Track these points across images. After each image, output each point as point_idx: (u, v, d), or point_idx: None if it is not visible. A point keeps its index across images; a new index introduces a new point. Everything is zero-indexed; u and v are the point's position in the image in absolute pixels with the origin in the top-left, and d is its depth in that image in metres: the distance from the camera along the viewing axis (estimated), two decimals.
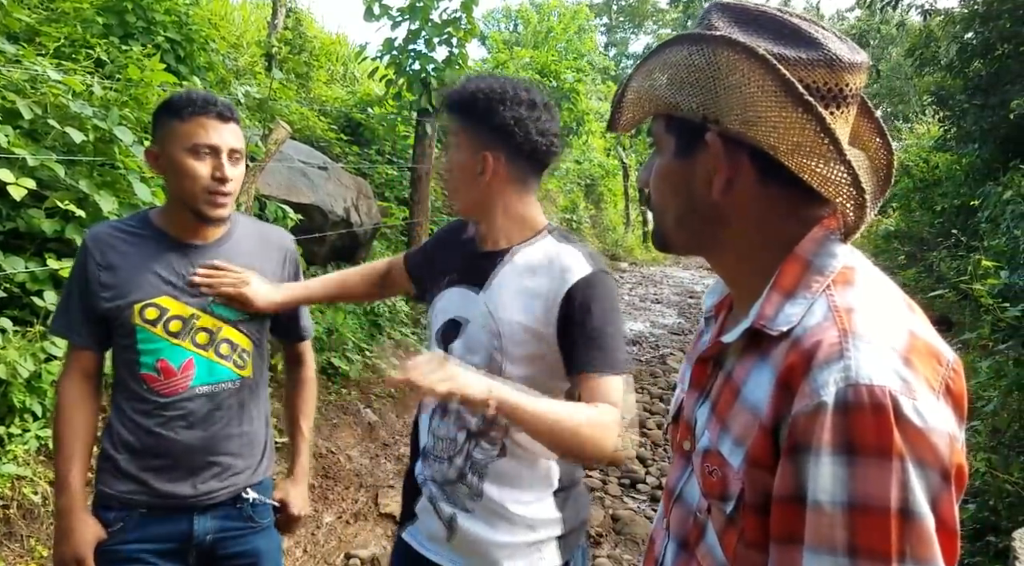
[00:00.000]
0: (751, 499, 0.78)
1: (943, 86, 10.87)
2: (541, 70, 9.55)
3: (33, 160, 3.09)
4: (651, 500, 4.32)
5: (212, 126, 1.65)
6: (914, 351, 0.73)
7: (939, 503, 0.69)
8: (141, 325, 1.68)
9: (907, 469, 0.67)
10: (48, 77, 3.34)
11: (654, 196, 0.94)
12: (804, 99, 0.77)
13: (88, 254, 1.69)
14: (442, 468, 1.53)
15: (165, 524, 1.73)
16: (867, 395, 0.69)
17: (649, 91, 0.89)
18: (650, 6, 37.16)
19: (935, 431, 0.69)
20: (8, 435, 2.88)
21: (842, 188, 0.80)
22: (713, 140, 0.83)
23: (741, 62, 0.79)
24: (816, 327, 0.77)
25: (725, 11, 0.87)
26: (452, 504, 1.51)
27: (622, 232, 16.49)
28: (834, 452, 0.69)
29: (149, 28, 5.03)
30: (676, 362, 7.39)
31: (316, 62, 8.58)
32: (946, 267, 8.37)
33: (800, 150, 0.78)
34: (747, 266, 0.89)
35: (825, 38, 0.82)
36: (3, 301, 3.06)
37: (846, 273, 0.82)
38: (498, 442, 1.49)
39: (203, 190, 1.66)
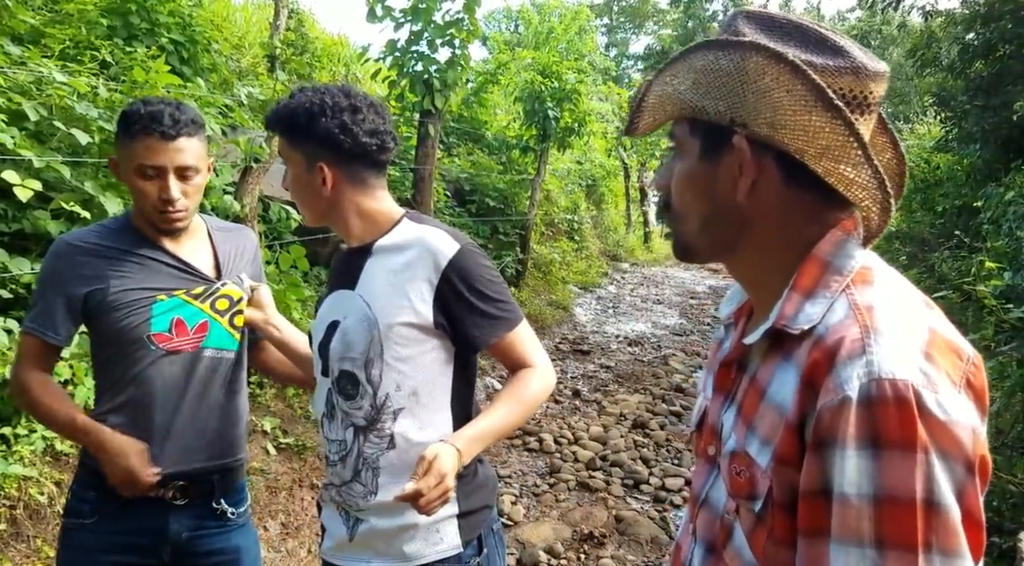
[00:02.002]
0: (779, 497, 0.80)
1: (944, 87, 10.87)
2: (543, 71, 9.53)
3: (39, 161, 3.10)
4: (654, 501, 4.33)
5: (156, 146, 1.63)
6: (934, 346, 0.75)
7: (964, 495, 0.70)
8: (161, 299, 1.70)
9: (931, 461, 0.69)
10: (53, 79, 3.35)
11: (675, 200, 0.94)
12: (834, 104, 0.78)
13: (67, 258, 1.69)
14: (338, 470, 1.55)
15: (140, 519, 1.72)
16: (890, 389, 0.70)
17: (673, 95, 0.90)
18: (651, 7, 37.15)
19: (958, 424, 0.70)
20: (15, 436, 2.89)
21: (869, 191, 0.82)
22: (740, 143, 0.85)
23: (770, 66, 0.81)
24: (838, 325, 0.78)
25: (751, 18, 0.89)
26: (350, 505, 1.55)
27: (623, 233, 16.48)
28: (859, 446, 0.70)
29: (153, 30, 5.04)
30: (678, 363, 7.40)
31: (318, 63, 8.59)
32: (947, 268, 8.36)
33: (828, 154, 0.80)
34: (768, 268, 0.90)
35: (849, 47, 0.83)
36: (9, 302, 3.07)
37: (864, 273, 0.84)
38: (385, 434, 1.51)
39: (152, 209, 1.68)
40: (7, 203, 3.17)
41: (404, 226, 1.59)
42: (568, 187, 12.99)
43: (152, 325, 1.69)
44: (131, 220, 1.78)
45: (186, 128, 1.66)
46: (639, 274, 13.95)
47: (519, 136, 10.04)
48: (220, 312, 1.77)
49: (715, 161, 0.88)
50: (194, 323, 1.74)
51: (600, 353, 7.65)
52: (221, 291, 1.77)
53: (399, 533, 1.51)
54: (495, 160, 10.30)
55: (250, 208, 4.10)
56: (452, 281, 1.50)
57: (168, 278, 1.73)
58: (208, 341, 1.76)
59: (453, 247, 1.52)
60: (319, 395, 1.61)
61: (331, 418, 1.57)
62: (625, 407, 5.90)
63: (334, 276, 1.68)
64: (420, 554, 1.52)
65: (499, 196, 9.53)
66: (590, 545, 3.78)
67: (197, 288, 1.75)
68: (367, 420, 1.52)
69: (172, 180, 1.65)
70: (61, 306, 1.69)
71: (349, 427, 1.54)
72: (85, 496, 1.73)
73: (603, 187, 15.76)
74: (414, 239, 1.55)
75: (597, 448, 5.02)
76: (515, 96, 10.04)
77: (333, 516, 1.60)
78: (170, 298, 1.71)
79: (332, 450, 1.57)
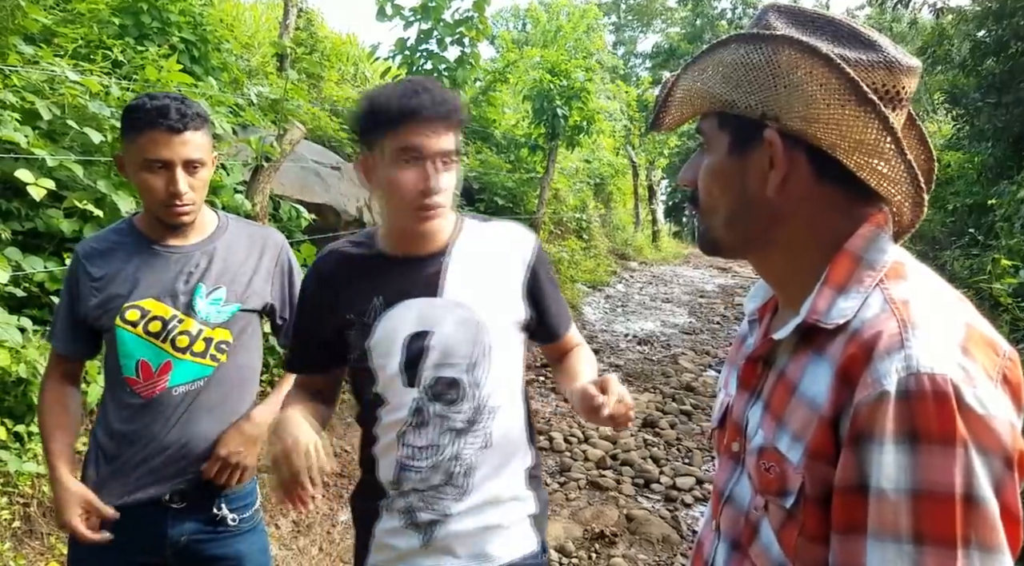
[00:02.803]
0: (812, 492, 0.79)
1: (956, 84, 10.81)
2: (551, 69, 9.52)
3: (52, 160, 3.12)
4: (665, 500, 4.32)
5: (162, 140, 1.62)
6: (972, 341, 0.74)
7: (1003, 489, 0.70)
8: (121, 326, 1.70)
9: (970, 455, 0.68)
10: (66, 78, 3.37)
11: (703, 196, 0.94)
12: (868, 98, 0.78)
13: (79, 265, 1.74)
14: (424, 475, 1.47)
15: (140, 520, 1.73)
16: (929, 383, 0.70)
17: (702, 90, 0.90)
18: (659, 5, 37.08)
19: (996, 418, 0.70)
20: (28, 434, 2.90)
21: (901, 186, 0.81)
22: (772, 136, 0.84)
23: (803, 60, 0.80)
24: (874, 319, 0.78)
25: (782, 13, 0.88)
26: (434, 510, 1.48)
27: (632, 231, 16.45)
28: (897, 440, 0.70)
29: (164, 29, 5.06)
30: (688, 362, 7.37)
31: (328, 62, 8.60)
32: (959, 266, 8.32)
33: (861, 148, 0.80)
34: (797, 264, 0.90)
35: (882, 42, 0.83)
36: (23, 300, 3.08)
37: (897, 268, 0.83)
38: (483, 434, 1.50)
39: (160, 203, 1.68)
40: (20, 202, 3.19)
41: (471, 225, 1.58)
42: (576, 185, 12.98)
43: (123, 369, 1.72)
44: (133, 222, 1.81)
45: (192, 121, 1.65)
46: (648, 273, 13.92)
47: (528, 134, 10.04)
48: (180, 349, 1.74)
49: (745, 156, 0.88)
50: (158, 364, 1.73)
51: (609, 352, 7.63)
52: (178, 329, 1.73)
53: (482, 534, 1.49)
54: (504, 159, 10.30)
55: (261, 207, 4.10)
56: (538, 273, 1.57)
57: (152, 280, 1.73)
58: (174, 380, 1.74)
59: (531, 238, 1.59)
60: (398, 408, 1.48)
61: (420, 426, 1.47)
62: (635, 406, 5.89)
63: (381, 286, 1.49)
64: (502, 555, 1.51)
65: (508, 195, 9.53)
66: (601, 544, 3.78)
67: (164, 307, 1.72)
68: (466, 422, 1.48)
69: (180, 173, 1.65)
70: (64, 317, 1.77)
71: (446, 432, 1.48)
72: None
73: (612, 185, 15.74)
74: (493, 236, 1.57)
75: (607, 447, 5.01)
76: (524, 94, 10.05)
77: (396, 529, 1.50)
78: (130, 331, 1.71)
79: (418, 457, 1.48)
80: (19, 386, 2.88)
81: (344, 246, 1.56)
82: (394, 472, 1.49)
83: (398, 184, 1.38)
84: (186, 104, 1.66)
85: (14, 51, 3.59)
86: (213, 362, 1.78)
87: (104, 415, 1.77)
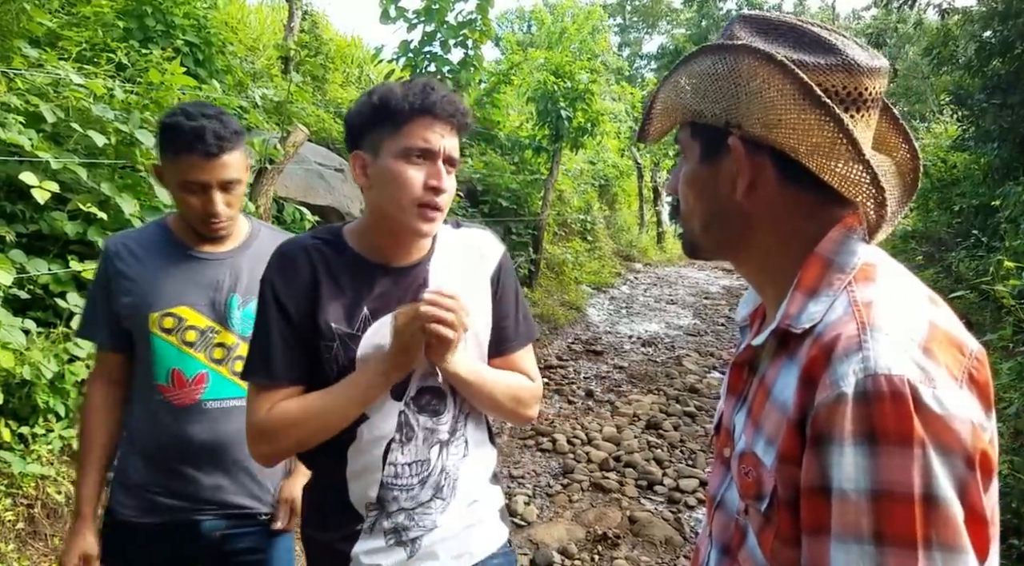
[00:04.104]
0: (784, 495, 0.80)
1: (961, 85, 10.77)
2: (555, 71, 9.52)
3: (56, 163, 3.13)
4: (668, 502, 4.31)
5: (200, 165, 1.64)
6: (934, 341, 0.74)
7: (966, 490, 0.70)
8: (157, 333, 1.71)
9: (929, 455, 0.68)
10: (70, 81, 3.38)
11: (682, 202, 0.97)
12: (822, 101, 0.79)
13: (108, 261, 1.74)
14: (413, 494, 1.42)
15: (174, 514, 1.75)
16: (886, 384, 0.70)
17: (676, 101, 0.93)
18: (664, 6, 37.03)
19: (956, 418, 0.70)
20: (32, 435, 2.91)
21: (862, 187, 0.81)
22: (735, 143, 0.86)
23: (761, 68, 0.83)
24: (836, 322, 0.79)
25: (747, 22, 0.91)
26: (422, 526, 1.43)
27: (636, 233, 16.45)
28: (856, 441, 0.70)
29: (168, 32, 5.08)
30: (692, 363, 7.37)
31: (332, 64, 8.63)
32: (965, 268, 8.29)
33: (819, 151, 0.81)
34: (772, 268, 0.92)
35: (844, 45, 0.84)
36: (27, 302, 3.10)
37: (867, 269, 0.83)
38: (462, 442, 1.49)
39: (196, 219, 1.72)
40: (25, 204, 3.20)
41: (445, 231, 1.53)
42: (581, 187, 12.97)
43: (155, 375, 1.72)
44: (168, 224, 1.81)
45: (229, 143, 1.66)
46: (652, 274, 13.91)
47: (532, 136, 10.04)
48: (217, 361, 1.75)
49: (715, 163, 0.90)
50: (192, 374, 1.73)
51: (613, 353, 7.63)
52: (215, 340, 1.74)
53: (464, 533, 1.49)
54: (508, 160, 10.30)
55: (264, 209, 4.12)
56: (500, 283, 1.53)
57: (186, 287, 1.73)
58: (209, 393, 1.74)
59: (499, 250, 1.56)
60: (384, 422, 1.40)
61: (406, 441, 1.41)
62: (639, 408, 5.88)
63: (377, 296, 1.41)
64: (482, 549, 1.52)
65: (512, 196, 9.53)
66: (604, 546, 3.77)
67: (199, 317, 1.73)
68: (449, 432, 1.47)
69: (216, 194, 1.68)
70: (103, 311, 1.75)
71: (434, 445, 1.44)
72: (114, 522, 1.78)
73: (616, 187, 15.74)
74: (467, 244, 1.53)
75: (610, 449, 5.01)
76: (528, 96, 10.04)
77: (380, 549, 1.42)
78: (165, 338, 1.71)
79: (405, 474, 1.41)
80: (23, 388, 2.89)
81: (312, 241, 1.43)
82: (375, 492, 1.40)
83: (405, 180, 1.32)
84: (223, 123, 1.66)
85: (19, 54, 3.61)
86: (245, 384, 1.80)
87: (134, 418, 1.78)
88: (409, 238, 1.41)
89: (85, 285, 3.23)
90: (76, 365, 3.03)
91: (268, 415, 1.36)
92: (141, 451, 1.76)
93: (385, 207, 1.37)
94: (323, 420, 1.34)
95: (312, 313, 1.37)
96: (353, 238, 1.44)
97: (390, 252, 1.43)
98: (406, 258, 1.44)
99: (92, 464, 1.75)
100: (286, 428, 1.35)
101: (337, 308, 1.37)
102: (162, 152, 1.69)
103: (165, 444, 1.74)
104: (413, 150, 1.33)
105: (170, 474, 1.74)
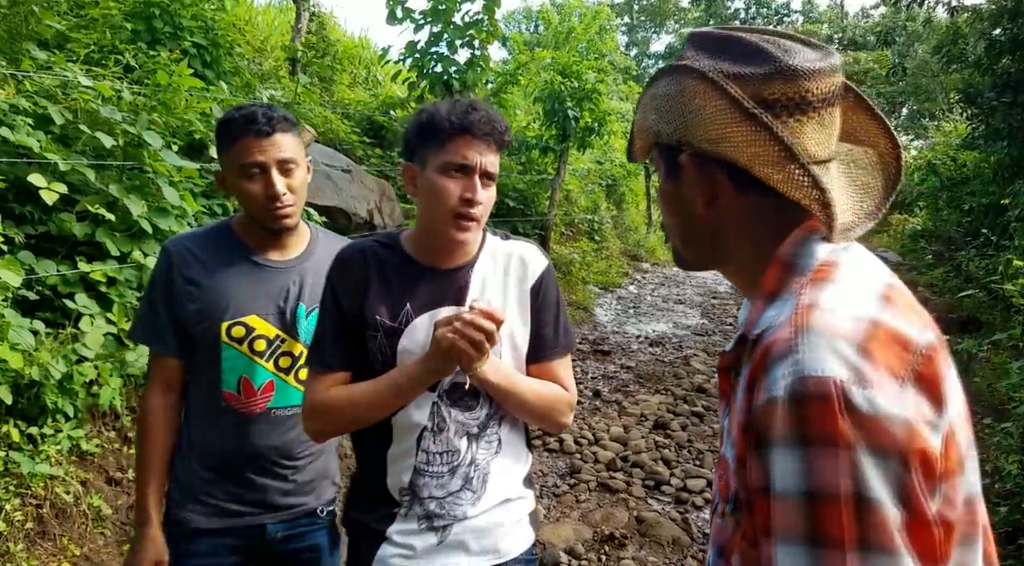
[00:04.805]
0: (743, 497, 0.81)
1: (971, 83, 10.71)
2: (562, 71, 9.52)
3: (64, 165, 3.15)
4: (676, 502, 4.30)
5: (254, 145, 1.66)
6: (874, 340, 0.74)
7: (904, 492, 0.69)
8: (227, 342, 1.71)
9: (857, 457, 0.68)
10: (79, 83, 3.40)
11: (663, 218, 1.01)
12: (750, 113, 0.82)
13: (172, 265, 1.72)
14: (443, 482, 1.53)
15: (242, 518, 1.77)
16: (813, 386, 0.71)
17: (641, 122, 0.98)
18: (671, 5, 37.01)
19: (888, 418, 0.70)
20: (41, 436, 2.93)
21: (803, 189, 0.82)
22: (686, 161, 0.90)
23: (699, 86, 0.86)
24: (778, 326, 0.80)
25: (696, 40, 0.94)
26: (452, 515, 1.54)
27: (644, 233, 16.41)
28: (788, 444, 0.71)
29: (176, 33, 5.11)
30: (699, 363, 7.35)
31: (339, 65, 8.65)
32: (975, 267, 8.25)
33: (759, 160, 0.83)
34: (747, 275, 0.94)
35: (784, 51, 0.85)
36: (35, 303, 3.11)
37: (824, 270, 0.83)
38: (495, 439, 1.58)
39: (262, 208, 1.70)
40: (33, 206, 3.22)
41: (493, 242, 1.64)
42: (588, 187, 12.96)
43: (223, 383, 1.72)
44: (232, 227, 1.81)
45: (280, 124, 1.69)
46: (660, 274, 13.88)
47: (539, 136, 10.04)
48: (283, 370, 1.76)
49: (678, 180, 0.93)
50: (260, 383, 1.74)
51: (621, 353, 7.62)
52: (282, 349, 1.76)
53: (494, 530, 1.56)
54: (515, 160, 10.30)
55: None
56: (540, 295, 1.62)
57: (255, 296, 1.73)
58: (276, 401, 1.76)
59: (543, 262, 1.65)
60: (418, 411, 1.52)
61: (439, 431, 1.53)
62: (646, 408, 5.88)
63: (421, 294, 1.53)
64: (510, 550, 1.58)
65: (519, 196, 9.54)
66: (611, 546, 3.77)
67: (268, 326, 1.74)
68: (480, 427, 1.56)
69: (275, 175, 1.68)
70: (164, 316, 1.73)
71: (464, 436, 1.54)
72: (177, 534, 1.77)
73: (623, 187, 15.72)
74: (511, 254, 1.63)
75: (618, 449, 5.00)
76: (535, 96, 10.05)
77: (413, 530, 1.53)
78: (235, 348, 1.71)
79: (436, 463, 1.53)
80: (32, 388, 2.91)
81: (370, 244, 1.59)
82: (409, 478, 1.53)
83: (443, 192, 1.46)
84: (272, 109, 1.70)
85: (27, 56, 3.64)
86: None
87: (194, 426, 1.78)
88: (448, 244, 1.53)
89: (93, 286, 3.25)
90: (84, 366, 3.05)
91: (322, 397, 1.51)
92: (201, 458, 1.76)
93: (427, 215, 1.52)
94: (368, 406, 1.48)
95: (361, 306, 1.51)
96: (406, 242, 1.59)
97: (435, 256, 1.56)
98: (450, 262, 1.56)
99: (155, 470, 1.74)
100: (338, 409, 1.50)
101: (383, 303, 1.52)
102: (221, 152, 1.72)
103: (230, 452, 1.74)
104: (452, 165, 1.46)
105: (236, 481, 1.75)
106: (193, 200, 3.61)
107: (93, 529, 2.92)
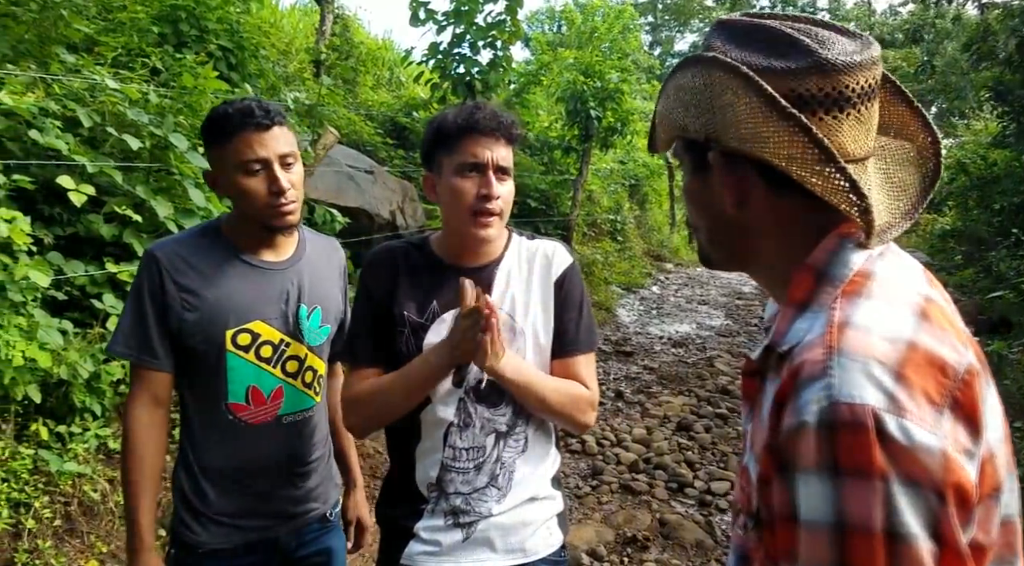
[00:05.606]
0: (765, 515, 0.78)
1: (1001, 81, 10.52)
2: (585, 70, 9.49)
3: (92, 167, 3.19)
4: (699, 505, 4.27)
5: (256, 139, 1.58)
6: (911, 365, 0.70)
7: (940, 525, 0.66)
8: (233, 351, 1.63)
9: (892, 489, 0.65)
10: (106, 86, 3.44)
11: (689, 216, 0.96)
12: (787, 112, 0.76)
13: (162, 273, 1.60)
14: (469, 478, 1.56)
15: (254, 531, 1.75)
16: (848, 413, 0.67)
17: (665, 114, 0.92)
18: (696, 4, 36.77)
19: (922, 449, 0.66)
20: (69, 434, 2.97)
21: (842, 195, 0.77)
22: (715, 158, 0.85)
23: (730, 81, 0.80)
24: (808, 344, 0.75)
25: (723, 29, 0.88)
26: (478, 512, 1.55)
27: (667, 233, 16.33)
28: (819, 472, 0.68)
29: (202, 36, 5.16)
30: (723, 365, 7.29)
31: (363, 67, 8.70)
32: (1005, 267, 8.11)
33: (794, 161, 0.77)
34: (775, 278, 0.89)
35: (820, 43, 0.80)
36: (64, 304, 3.16)
37: (857, 282, 0.79)
38: (522, 438, 1.59)
39: (264, 205, 1.61)
40: (62, 207, 3.27)
41: (518, 241, 1.68)
42: (611, 187, 12.92)
43: (230, 394, 1.65)
44: (221, 229, 1.72)
45: (278, 116, 1.62)
46: (683, 274, 13.80)
47: (561, 136, 10.03)
48: (291, 374, 1.72)
49: (705, 177, 0.89)
50: (270, 390, 1.69)
51: (643, 354, 7.58)
52: (287, 353, 1.70)
53: (519, 529, 1.57)
54: (537, 161, 10.30)
55: None
56: (563, 292, 1.63)
57: (256, 300, 1.66)
58: (286, 407, 1.72)
59: (568, 258, 1.67)
60: (445, 407, 1.55)
61: (465, 427, 1.55)
62: (669, 409, 5.84)
63: (447, 292, 1.56)
64: (537, 549, 1.59)
65: (541, 197, 9.53)
66: (633, 548, 3.75)
67: (273, 331, 1.68)
68: (508, 425, 1.58)
69: (279, 170, 1.60)
70: (154, 327, 1.62)
71: (491, 433, 1.56)
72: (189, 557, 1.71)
73: (647, 187, 15.65)
74: (536, 253, 1.65)
75: (640, 450, 4.97)
76: (557, 96, 10.03)
77: (440, 527, 1.56)
78: (243, 357, 1.65)
79: (462, 459, 1.55)
80: (60, 388, 2.96)
81: (401, 245, 1.66)
82: (436, 474, 1.56)
83: (459, 192, 1.50)
84: (265, 102, 1.63)
85: (56, 60, 3.69)
86: (316, 396, 1.79)
87: (195, 440, 1.70)
88: (472, 243, 1.57)
89: (120, 286, 3.29)
90: (112, 365, 3.09)
91: (355, 390, 1.57)
92: (205, 473, 1.68)
93: (449, 217, 1.56)
94: (395, 394, 1.52)
95: (391, 304, 1.57)
96: (435, 244, 1.65)
97: (461, 255, 1.61)
98: (476, 260, 1.61)
99: (147, 491, 1.62)
100: (368, 400, 1.54)
101: (412, 300, 1.57)
102: (211, 147, 1.63)
103: (238, 465, 1.69)
104: (465, 165, 1.50)
105: (247, 496, 1.70)
106: (219, 201, 3.64)
107: (120, 526, 2.95)
